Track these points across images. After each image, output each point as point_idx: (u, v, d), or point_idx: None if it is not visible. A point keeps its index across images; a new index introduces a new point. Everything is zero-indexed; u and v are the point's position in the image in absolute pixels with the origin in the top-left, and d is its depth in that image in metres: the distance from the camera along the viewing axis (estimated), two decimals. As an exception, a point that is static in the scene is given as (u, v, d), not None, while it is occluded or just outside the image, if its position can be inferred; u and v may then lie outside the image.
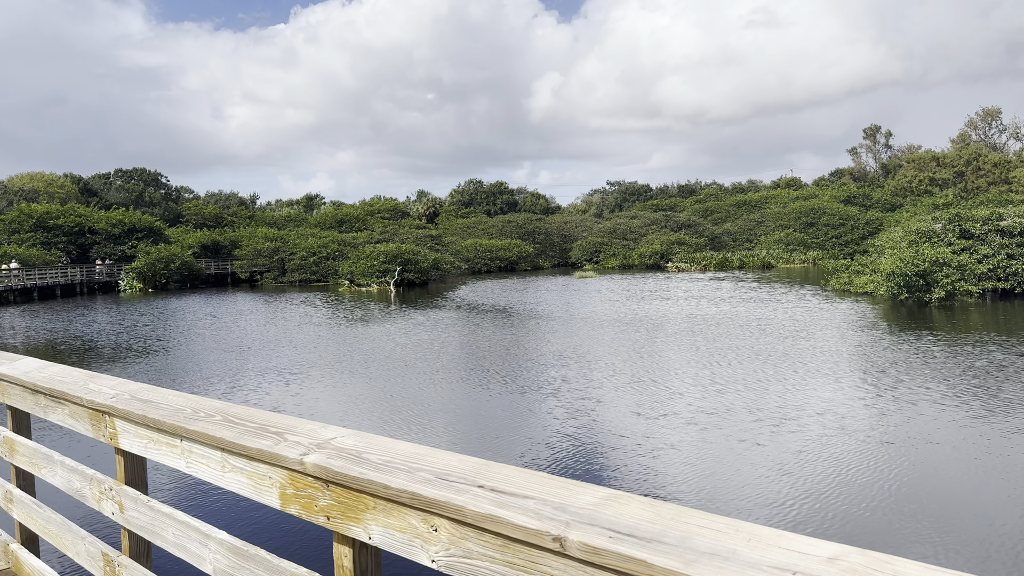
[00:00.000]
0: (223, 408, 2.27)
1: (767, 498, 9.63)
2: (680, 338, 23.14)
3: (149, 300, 47.00)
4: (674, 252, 63.90)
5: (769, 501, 9.53)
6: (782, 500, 9.57)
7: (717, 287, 41.95)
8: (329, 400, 16.23)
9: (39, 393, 3.08)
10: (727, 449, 12.01)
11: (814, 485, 10.08)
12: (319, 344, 24.08)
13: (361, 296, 45.33)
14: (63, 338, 27.46)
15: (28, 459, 3.24)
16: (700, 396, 15.59)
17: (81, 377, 2.96)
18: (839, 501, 9.48)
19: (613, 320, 28.13)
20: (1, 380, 3.42)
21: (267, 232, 66.28)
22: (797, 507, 9.33)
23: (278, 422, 2.07)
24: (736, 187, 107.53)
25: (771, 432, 12.92)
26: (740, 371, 17.95)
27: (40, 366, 3.31)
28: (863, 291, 31.03)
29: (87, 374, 3.00)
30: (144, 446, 2.45)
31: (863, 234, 65.68)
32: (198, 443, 2.18)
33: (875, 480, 10.26)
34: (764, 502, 9.51)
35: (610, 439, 12.72)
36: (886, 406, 14.27)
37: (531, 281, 54.15)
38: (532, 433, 12.93)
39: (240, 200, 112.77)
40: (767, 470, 10.75)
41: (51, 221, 60.98)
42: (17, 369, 3.34)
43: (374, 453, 1.74)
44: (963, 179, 68.10)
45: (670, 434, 12.93)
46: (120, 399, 2.57)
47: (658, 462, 11.42)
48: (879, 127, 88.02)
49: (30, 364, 3.37)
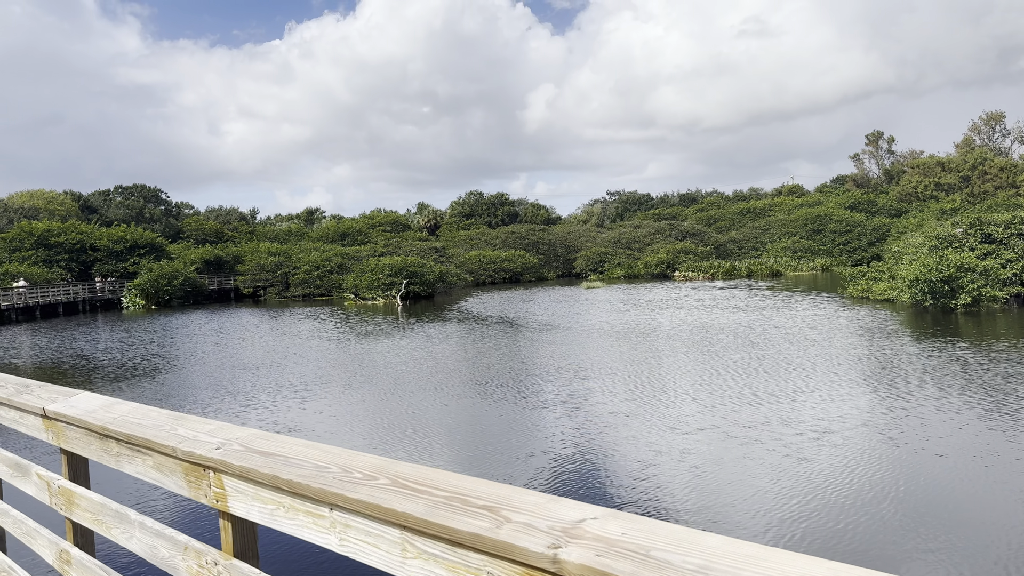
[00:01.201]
0: (385, 466, 1.74)
1: (827, 522, 9.07)
2: (702, 348, 22.59)
3: (153, 317, 46.42)
4: (680, 261, 63.41)
5: (830, 526, 8.97)
6: (844, 524, 9.01)
7: (730, 296, 41.44)
8: (352, 418, 15.67)
9: (109, 438, 2.55)
10: (772, 466, 11.45)
11: (874, 506, 9.52)
12: (332, 359, 23.52)
13: (367, 310, 44.79)
14: (68, 357, 26.87)
15: (93, 515, 2.71)
16: (733, 409, 15.05)
17: (164, 419, 2.43)
18: (904, 524, 8.93)
19: (629, 331, 27.59)
20: (56, 420, 2.89)
21: (270, 247, 65.78)
22: (861, 532, 8.77)
23: (479, 490, 1.54)
24: (737, 195, 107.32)
25: (815, 446, 12.38)
26: (770, 382, 17.41)
27: (105, 404, 2.78)
28: (883, 298, 30.51)
29: (170, 415, 2.47)
30: (269, 513, 1.92)
31: (870, 240, 65.24)
32: (360, 515, 1.65)
33: (938, 498, 9.71)
34: (824, 527, 8.94)
35: (648, 455, 12.16)
36: (929, 416, 13.73)
37: (538, 292, 53.61)
38: (568, 452, 12.36)
39: (240, 215, 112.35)
40: (819, 489, 10.20)
41: (52, 239, 60.46)
42: (76, 407, 2.81)
43: (669, 549, 1.21)
44: (969, 184, 67.76)
45: (709, 449, 12.39)
46: (230, 450, 2.04)
47: (703, 480, 10.87)
48: (881, 133, 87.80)
49: (92, 401, 2.84)
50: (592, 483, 10.77)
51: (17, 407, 3.22)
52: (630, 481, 10.77)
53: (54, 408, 2.89)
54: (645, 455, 12.15)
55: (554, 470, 11.44)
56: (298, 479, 1.78)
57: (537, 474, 11.24)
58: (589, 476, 11.11)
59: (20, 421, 3.25)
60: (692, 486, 10.50)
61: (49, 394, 3.12)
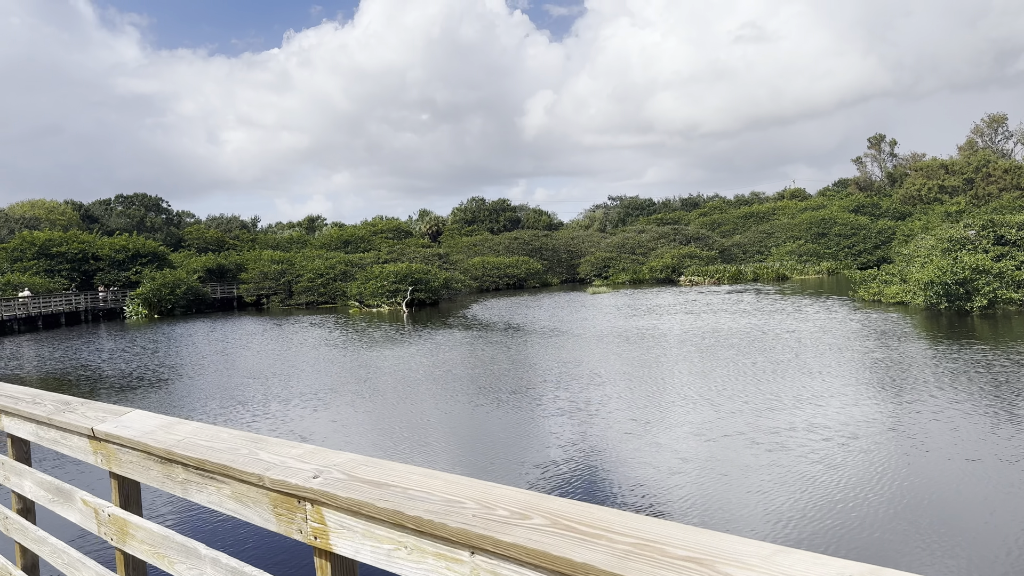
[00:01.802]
0: (533, 501, 1.47)
1: (867, 533, 8.78)
2: (717, 353, 22.31)
3: (156, 326, 46.14)
4: (685, 266, 63.14)
5: (872, 536, 8.68)
6: (883, 533, 8.72)
7: (739, 300, 41.16)
8: (368, 427, 15.37)
9: (174, 463, 2.28)
10: (802, 473, 11.17)
11: (912, 515, 9.23)
12: (341, 368, 23.24)
13: (373, 317, 44.51)
14: (73, 368, 26.59)
15: (152, 548, 2.44)
16: (756, 414, 14.78)
17: (239, 442, 2.16)
18: (947, 535, 8.64)
19: (641, 336, 27.31)
20: (107, 442, 2.63)
21: (273, 255, 65.53)
22: (903, 543, 8.48)
23: (673, 536, 1.27)
24: (739, 199, 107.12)
25: (843, 452, 12.10)
26: (790, 387, 17.14)
27: (163, 423, 2.51)
28: (895, 301, 30.21)
29: (245, 436, 2.20)
30: (386, 555, 1.64)
31: (875, 243, 64.95)
32: (514, 563, 1.38)
33: (977, 506, 9.42)
34: (865, 538, 8.65)
35: (674, 462, 11.88)
36: (957, 421, 13.45)
37: (543, 298, 53.35)
38: (592, 460, 12.07)
39: (242, 223, 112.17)
40: (855, 497, 9.91)
41: (54, 248, 60.21)
42: (131, 427, 2.54)
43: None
44: (973, 186, 67.53)
45: (736, 456, 12.11)
46: (332, 479, 1.77)
47: (734, 489, 10.59)
48: (883, 136, 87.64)
49: (147, 421, 2.58)
50: (620, 493, 10.49)
51: (58, 427, 2.96)
52: (659, 491, 10.48)
53: (105, 428, 2.62)
54: (671, 463, 11.87)
55: (580, 480, 11.16)
56: (428, 516, 1.51)
57: (564, 483, 10.95)
58: (616, 486, 10.83)
59: (62, 442, 2.98)
60: (724, 496, 10.22)
61: (95, 412, 2.86)
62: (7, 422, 3.48)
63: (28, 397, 3.41)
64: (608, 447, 12.87)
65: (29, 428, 3.24)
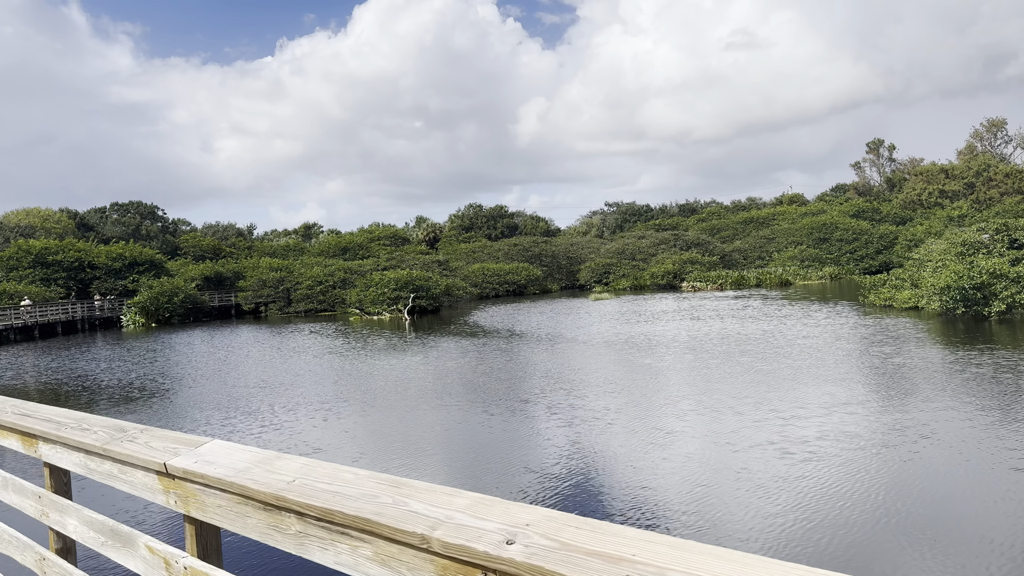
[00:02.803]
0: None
1: (921, 550, 8.34)
2: (733, 360, 21.89)
3: (155, 335, 45.54)
4: (687, 271, 62.74)
5: (929, 554, 8.24)
6: (943, 550, 8.28)
7: (745, 305, 40.77)
8: (384, 438, 14.87)
9: (286, 511, 1.83)
10: (840, 485, 10.75)
11: (980, 529, 8.79)
12: (349, 376, 22.73)
13: (374, 325, 43.99)
14: (71, 378, 26.02)
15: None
16: (783, 423, 14.36)
17: (373, 485, 1.71)
18: (1009, 552, 8.20)
19: (652, 343, 26.88)
20: (185, 480, 2.18)
21: (271, 262, 64.94)
22: (965, 561, 8.04)
23: None
24: (736, 205, 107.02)
25: (880, 461, 11.68)
26: (813, 393, 16.73)
27: (258, 459, 2.06)
28: (907, 306, 29.83)
29: (379, 478, 1.75)
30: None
31: (877, 248, 64.69)
32: None
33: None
34: (920, 557, 8.21)
35: (705, 474, 11.44)
36: (995, 428, 13.04)
37: (545, 304, 52.90)
38: (621, 475, 11.60)
39: (238, 231, 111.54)
40: (901, 512, 9.47)
41: (50, 257, 59.52)
42: (215, 463, 2.09)
43: None
44: (974, 190, 67.38)
45: (768, 467, 11.67)
46: (534, 547, 1.32)
47: (772, 503, 10.14)
48: (882, 140, 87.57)
49: (235, 455, 2.13)
50: (655, 510, 10.03)
51: (116, 458, 2.51)
52: (697, 506, 10.03)
53: (181, 464, 2.17)
54: (702, 475, 11.44)
55: (612, 495, 10.69)
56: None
57: (596, 500, 10.49)
58: (649, 501, 10.36)
59: (120, 477, 2.53)
60: (762, 510, 9.77)
61: (163, 442, 2.41)
62: (46, 450, 3.02)
63: (72, 422, 2.96)
64: (635, 459, 12.42)
65: (75, 458, 2.79)
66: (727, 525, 9.33)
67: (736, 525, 9.31)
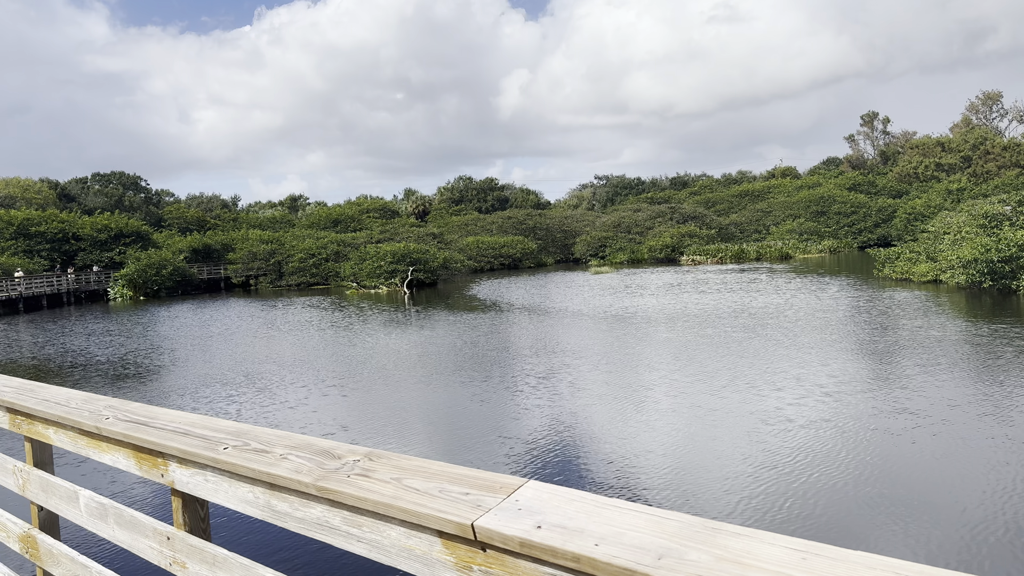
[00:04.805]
0: None
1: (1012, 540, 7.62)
2: (759, 333, 21.16)
3: (144, 309, 44.27)
4: (685, 245, 62.00)
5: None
6: None
7: (753, 279, 40.10)
8: (411, 417, 13.99)
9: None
10: (912, 465, 10.06)
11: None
12: (361, 351, 21.80)
13: (372, 299, 42.98)
14: (62, 353, 24.91)
15: None
16: (822, 396, 13.68)
17: None
18: None
19: (664, 316, 26.13)
20: (512, 555, 1.29)
21: (261, 234, 63.51)
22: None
23: None
24: (727, 178, 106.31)
25: (941, 443, 10.98)
26: (852, 368, 16.07)
27: (655, 522, 1.17)
28: (926, 279, 29.24)
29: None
30: None
31: (876, 221, 64.27)
32: None
33: None
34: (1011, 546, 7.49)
35: (762, 456, 10.68)
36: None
37: (544, 278, 52.05)
38: (674, 454, 10.80)
39: (223, 203, 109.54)
40: (987, 498, 8.76)
41: (33, 228, 57.79)
42: (557, 522, 1.20)
43: None
44: (971, 164, 66.95)
45: (831, 448, 10.94)
46: None
47: (844, 486, 9.41)
48: (876, 113, 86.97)
49: (574, 507, 1.24)
50: (718, 494, 9.26)
51: (351, 504, 1.60)
52: (762, 487, 9.26)
53: (498, 525, 1.28)
54: (759, 455, 10.70)
55: (669, 476, 9.89)
56: None
57: (658, 483, 9.68)
58: (707, 485, 9.58)
59: (349, 532, 1.63)
60: (836, 492, 9.04)
61: (428, 482, 1.51)
62: (180, 474, 2.11)
63: (229, 436, 2.05)
64: (681, 437, 11.67)
65: (281, 505, 1.87)
66: (815, 512, 8.57)
67: (825, 513, 8.56)
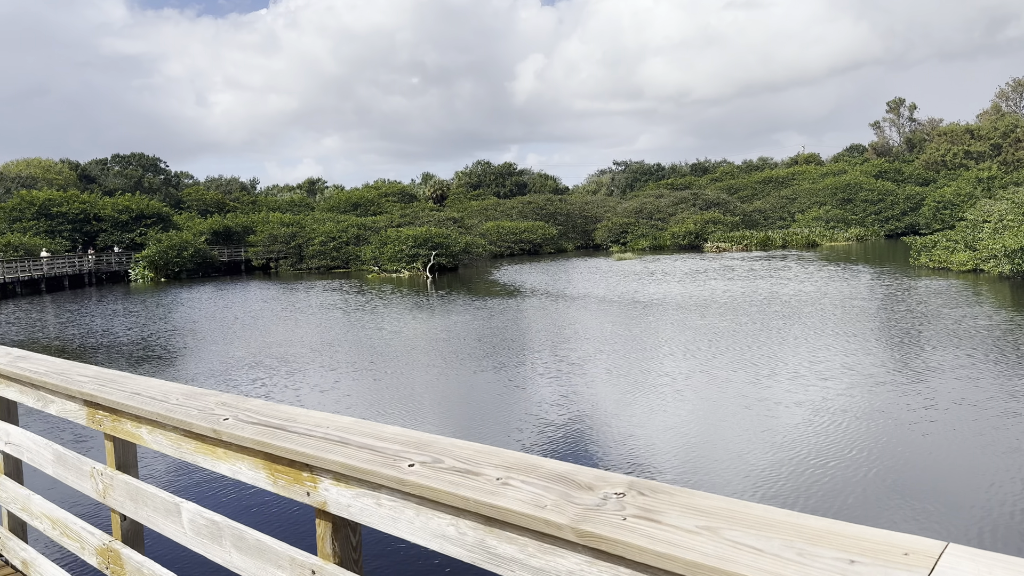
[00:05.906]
0: None
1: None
2: (799, 321, 20.61)
3: (166, 290, 44.19)
4: (709, 232, 61.20)
5: None
6: None
7: (784, 266, 39.42)
8: (453, 403, 13.62)
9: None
10: (977, 458, 9.57)
11: None
12: (393, 336, 21.45)
13: (394, 283, 42.67)
14: (92, 333, 24.73)
15: None
16: (873, 386, 13.18)
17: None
18: None
19: (694, 303, 25.60)
20: None
21: (282, 217, 63.30)
22: None
23: None
24: (748, 165, 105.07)
25: (999, 434, 10.46)
26: (899, 357, 15.57)
27: None
28: (965, 269, 28.55)
29: None
30: None
31: (903, 210, 63.21)
32: None
33: None
34: None
35: (819, 443, 10.21)
36: None
37: (566, 263, 51.55)
38: (736, 442, 10.33)
39: (241, 185, 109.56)
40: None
41: (54, 208, 57.88)
42: None
43: None
44: (1000, 152, 65.68)
45: (889, 441, 10.44)
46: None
47: (906, 478, 8.95)
48: (903, 100, 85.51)
49: None
50: (787, 484, 8.80)
51: (649, 566, 1.16)
52: (826, 475, 8.78)
53: None
54: (817, 443, 10.25)
55: (736, 469, 9.43)
56: None
57: (724, 475, 9.23)
58: (772, 476, 9.13)
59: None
60: (900, 485, 8.60)
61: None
62: (381, 514, 1.68)
63: (410, 448, 1.62)
64: (733, 428, 11.22)
65: (504, 548, 1.43)
66: (884, 506, 8.10)
67: (895, 509, 8.08)
